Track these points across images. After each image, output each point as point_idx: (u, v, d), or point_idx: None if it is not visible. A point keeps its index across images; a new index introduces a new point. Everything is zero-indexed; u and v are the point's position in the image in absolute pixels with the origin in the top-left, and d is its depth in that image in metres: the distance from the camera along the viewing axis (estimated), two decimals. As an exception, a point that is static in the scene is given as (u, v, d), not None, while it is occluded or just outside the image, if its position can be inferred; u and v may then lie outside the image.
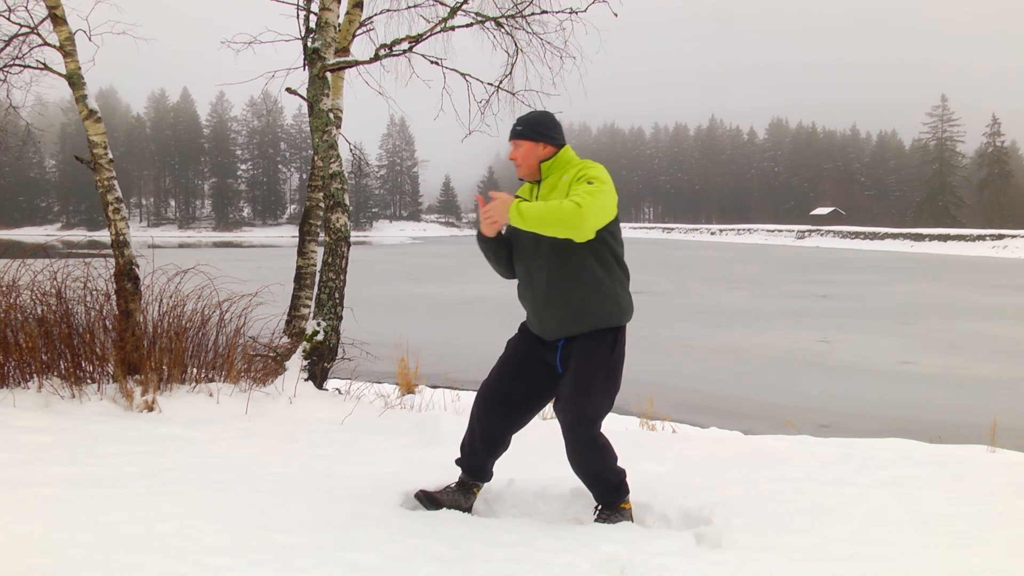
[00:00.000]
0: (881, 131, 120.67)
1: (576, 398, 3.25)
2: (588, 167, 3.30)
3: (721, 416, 8.77)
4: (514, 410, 3.45)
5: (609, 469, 3.38)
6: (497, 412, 3.45)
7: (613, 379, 3.33)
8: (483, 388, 3.50)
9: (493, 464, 3.59)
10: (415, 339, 9.65)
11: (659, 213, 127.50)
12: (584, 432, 3.28)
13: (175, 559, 2.72)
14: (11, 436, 4.59)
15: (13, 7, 7.09)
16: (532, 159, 3.38)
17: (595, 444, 3.32)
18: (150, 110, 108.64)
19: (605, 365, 3.29)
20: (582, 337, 3.28)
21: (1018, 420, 8.22)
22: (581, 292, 3.24)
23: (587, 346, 3.27)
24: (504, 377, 3.44)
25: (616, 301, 3.30)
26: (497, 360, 3.52)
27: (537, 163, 3.39)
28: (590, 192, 3.13)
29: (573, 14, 7.64)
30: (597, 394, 3.28)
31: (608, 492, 3.41)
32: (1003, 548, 3.12)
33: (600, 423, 3.34)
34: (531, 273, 3.32)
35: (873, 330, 15.94)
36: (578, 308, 3.25)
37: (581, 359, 3.27)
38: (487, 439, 3.49)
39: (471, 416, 3.53)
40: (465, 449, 3.56)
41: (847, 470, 4.60)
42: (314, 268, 7.64)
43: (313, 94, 6.97)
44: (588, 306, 3.25)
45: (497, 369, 3.48)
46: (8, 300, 6.08)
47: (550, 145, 3.39)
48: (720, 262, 41.37)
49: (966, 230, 65.20)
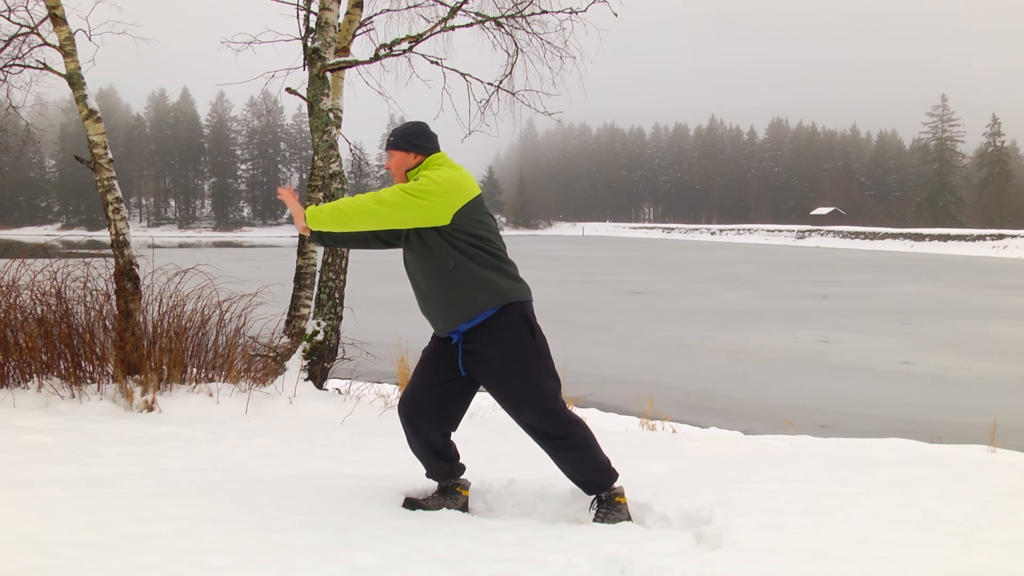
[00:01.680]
0: (881, 131, 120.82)
1: (520, 402, 3.31)
2: (426, 172, 3.35)
3: (721, 416, 8.77)
4: (438, 413, 3.46)
5: (593, 446, 3.41)
6: (421, 421, 3.46)
7: (544, 358, 3.34)
8: (401, 401, 3.52)
9: (453, 459, 3.59)
10: (415, 339, 9.62)
11: (659, 213, 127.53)
12: (554, 429, 3.33)
13: (175, 559, 2.72)
14: (11, 436, 4.59)
15: (13, 7, 7.10)
16: (403, 168, 3.48)
17: (570, 421, 3.37)
18: (150, 110, 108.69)
19: (515, 357, 3.29)
20: (476, 329, 3.30)
21: (1018, 420, 8.22)
22: (451, 283, 3.29)
23: (489, 338, 3.29)
24: (418, 385, 3.47)
25: (491, 283, 3.29)
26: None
27: (404, 172, 3.48)
28: (395, 191, 3.27)
29: (573, 14, 7.65)
30: (537, 387, 3.30)
31: (599, 474, 3.41)
32: (1003, 548, 3.11)
33: (561, 401, 3.38)
34: (410, 274, 3.46)
35: (873, 330, 15.94)
36: (455, 299, 3.30)
37: (495, 360, 3.29)
38: (418, 440, 3.51)
39: (404, 430, 3.54)
40: (420, 460, 3.59)
41: (847, 470, 4.60)
42: (314, 268, 7.64)
43: (313, 94, 6.97)
44: (464, 294, 3.28)
45: (412, 378, 3.53)
46: (8, 300, 6.08)
47: (420, 155, 3.47)
48: (720, 262, 41.38)
49: (966, 230, 65.24)
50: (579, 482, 3.47)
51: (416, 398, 3.46)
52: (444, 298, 3.32)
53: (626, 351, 13.21)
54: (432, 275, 3.33)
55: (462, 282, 3.28)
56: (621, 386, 10.32)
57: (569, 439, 3.37)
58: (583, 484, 3.46)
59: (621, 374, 11.58)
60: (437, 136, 3.55)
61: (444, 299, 3.32)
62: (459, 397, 3.46)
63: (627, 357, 12.73)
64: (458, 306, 3.30)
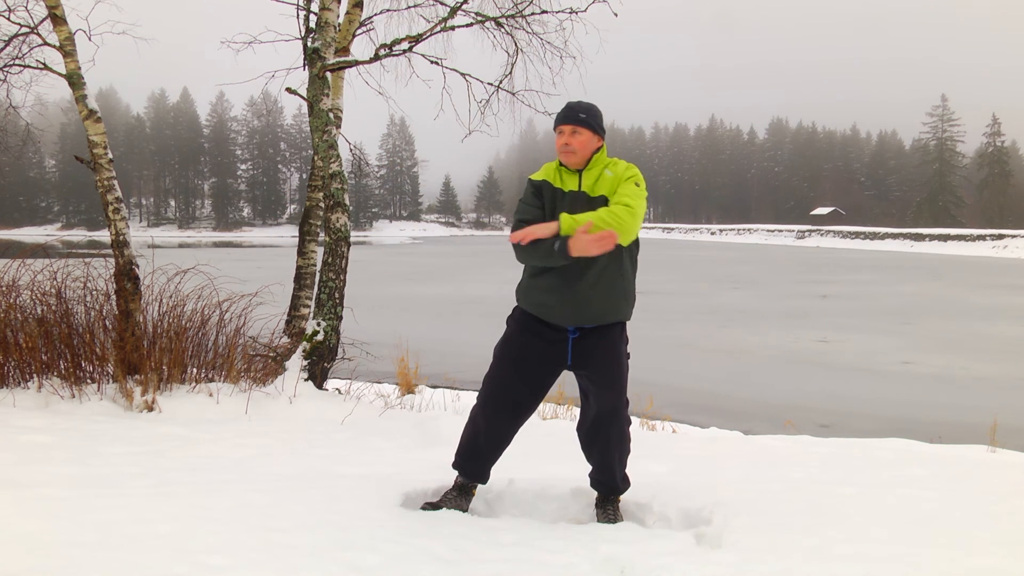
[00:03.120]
0: (881, 131, 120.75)
1: (616, 384, 3.42)
2: (632, 167, 3.41)
3: (721, 416, 8.77)
4: (524, 411, 3.50)
5: (627, 455, 3.56)
6: (507, 414, 3.47)
7: (625, 372, 3.50)
8: (492, 389, 3.46)
9: (492, 465, 3.60)
10: (415, 339, 9.64)
11: (659, 213, 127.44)
12: (624, 413, 3.47)
13: (175, 559, 2.72)
14: (11, 436, 4.59)
15: (13, 7, 7.09)
16: (588, 149, 3.39)
17: (627, 424, 3.51)
18: (150, 110, 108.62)
19: (622, 358, 3.46)
20: (603, 328, 3.39)
21: (1018, 420, 8.22)
22: (620, 285, 3.37)
23: (611, 337, 3.41)
24: (516, 379, 3.42)
25: (634, 296, 3.48)
26: (500, 358, 3.47)
27: (590, 154, 3.41)
28: (637, 195, 3.27)
29: (573, 14, 7.64)
30: (626, 382, 3.46)
31: (623, 480, 3.56)
32: (1003, 548, 3.11)
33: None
34: (577, 263, 3.26)
35: (873, 330, 15.94)
36: (616, 300, 3.37)
37: (609, 349, 3.40)
38: (494, 441, 3.50)
39: (476, 418, 3.50)
40: (467, 453, 3.54)
41: (847, 470, 4.60)
42: (314, 268, 7.64)
43: (313, 94, 6.97)
44: (622, 298, 3.39)
45: (507, 370, 3.44)
46: (8, 300, 6.08)
47: (602, 139, 3.47)
48: (720, 262, 41.38)
49: (966, 230, 65.20)
50: (612, 478, 3.53)
51: (512, 391, 3.44)
52: (608, 297, 3.34)
53: (626, 351, 13.21)
54: (609, 272, 3.32)
55: (624, 287, 3.38)
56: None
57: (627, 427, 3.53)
58: (613, 481, 3.54)
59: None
60: None
61: (608, 297, 3.34)
62: (543, 394, 3.52)
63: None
64: (614, 309, 3.37)
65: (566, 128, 3.37)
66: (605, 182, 3.35)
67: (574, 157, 3.36)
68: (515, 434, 3.55)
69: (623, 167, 3.39)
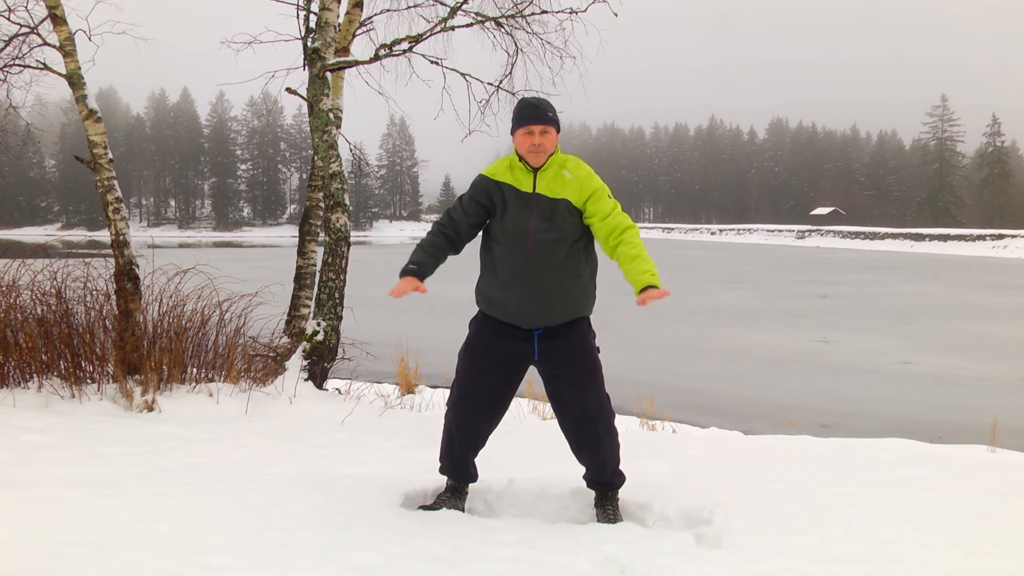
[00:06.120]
0: (881, 131, 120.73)
1: (595, 381, 3.42)
2: (590, 172, 3.40)
3: (721, 416, 8.77)
4: (496, 410, 3.50)
5: (618, 448, 3.54)
6: (481, 414, 3.47)
7: (600, 365, 3.51)
8: (461, 392, 3.47)
9: (474, 461, 3.62)
10: (415, 339, 9.64)
11: (659, 213, 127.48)
12: (608, 408, 3.46)
13: (175, 559, 2.72)
14: (11, 436, 4.59)
15: (13, 7, 7.10)
16: (553, 148, 3.36)
17: (612, 418, 3.49)
18: (150, 110, 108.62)
19: (595, 352, 3.47)
20: (567, 325, 3.38)
21: (1018, 420, 8.22)
22: (578, 284, 3.37)
23: (578, 333, 3.41)
24: (484, 380, 3.43)
25: (593, 292, 3.49)
26: (466, 361, 3.47)
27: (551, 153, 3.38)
28: (621, 210, 3.37)
29: (573, 14, 7.65)
30: (602, 375, 3.47)
31: (618, 475, 3.54)
32: (1003, 548, 3.11)
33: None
34: (531, 265, 3.27)
35: (873, 330, 15.93)
36: (573, 299, 3.37)
37: (579, 346, 3.41)
38: (469, 443, 3.51)
39: (449, 423, 3.52)
40: (447, 457, 3.57)
41: (847, 470, 4.60)
42: (314, 268, 7.64)
43: (313, 94, 6.97)
44: (581, 298, 3.40)
45: (473, 372, 3.44)
46: (8, 300, 6.08)
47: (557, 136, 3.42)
48: (720, 262, 41.36)
49: (966, 230, 65.18)
50: (607, 475, 3.52)
51: (477, 393, 3.43)
52: (566, 297, 3.35)
53: (626, 351, 13.19)
54: (565, 273, 3.33)
55: (582, 285, 3.38)
56: (621, 386, 10.25)
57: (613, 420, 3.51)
58: (608, 477, 3.52)
59: (621, 374, 11.51)
60: None
61: (565, 297, 3.35)
62: (512, 392, 3.50)
63: (627, 357, 12.70)
64: (572, 307, 3.37)
65: (536, 128, 3.29)
66: (567, 185, 3.31)
67: (543, 157, 3.32)
68: (491, 433, 3.55)
69: (585, 172, 3.35)
